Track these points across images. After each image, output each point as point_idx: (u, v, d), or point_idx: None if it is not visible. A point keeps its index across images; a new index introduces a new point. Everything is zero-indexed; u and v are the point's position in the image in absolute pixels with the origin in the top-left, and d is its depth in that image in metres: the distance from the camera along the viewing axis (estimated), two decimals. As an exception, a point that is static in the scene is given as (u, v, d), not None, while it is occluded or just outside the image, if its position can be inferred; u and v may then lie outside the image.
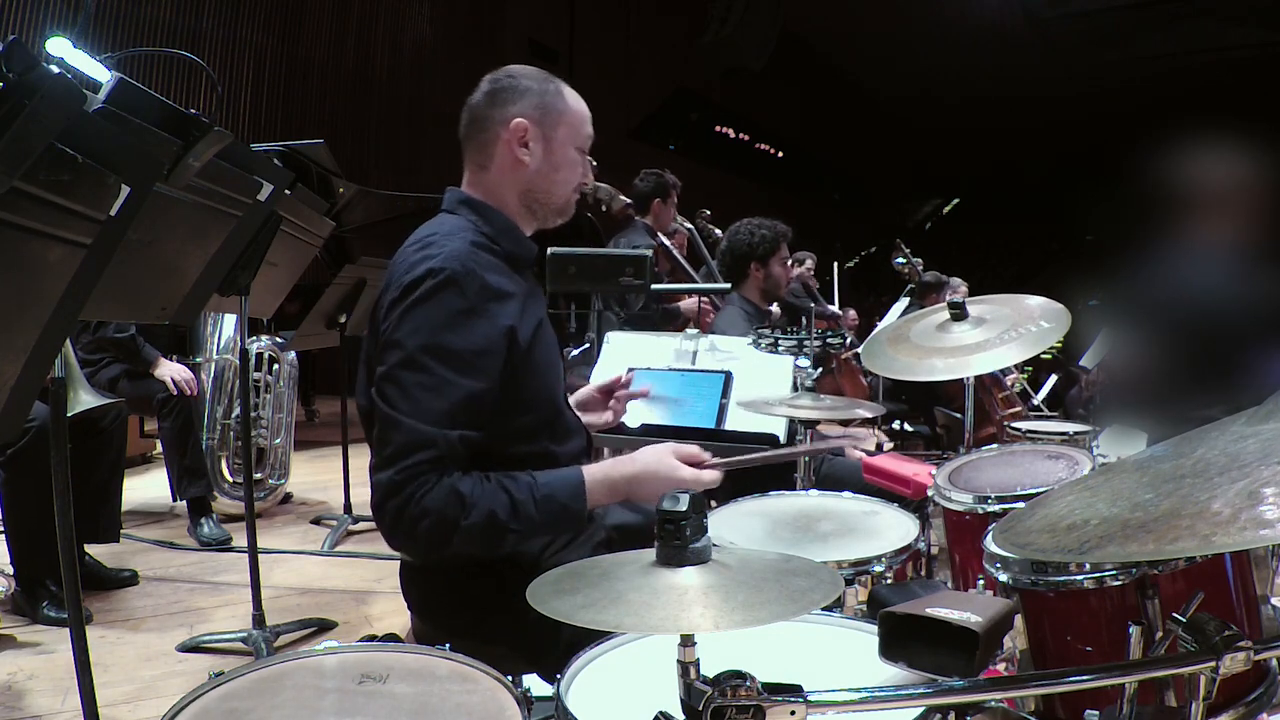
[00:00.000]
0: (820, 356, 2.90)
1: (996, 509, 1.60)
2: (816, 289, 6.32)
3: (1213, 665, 0.81)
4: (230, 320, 4.02)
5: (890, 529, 1.72)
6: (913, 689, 0.83)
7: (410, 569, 1.64)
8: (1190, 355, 2.49)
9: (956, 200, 26.21)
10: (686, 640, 0.81)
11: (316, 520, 3.96)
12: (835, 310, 5.99)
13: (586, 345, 3.25)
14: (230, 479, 3.92)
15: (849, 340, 4.42)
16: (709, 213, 5.67)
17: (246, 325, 2.72)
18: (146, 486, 4.39)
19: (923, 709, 0.91)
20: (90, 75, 2.31)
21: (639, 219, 4.53)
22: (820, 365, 3.02)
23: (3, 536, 2.91)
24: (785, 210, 4.81)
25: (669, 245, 4.71)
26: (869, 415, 2.21)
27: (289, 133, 7.32)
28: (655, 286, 3.37)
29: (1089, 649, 1.16)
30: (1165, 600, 1.07)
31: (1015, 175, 22.16)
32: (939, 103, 19.30)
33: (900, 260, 5.49)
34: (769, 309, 3.59)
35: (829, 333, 2.69)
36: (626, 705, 1.04)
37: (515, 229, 1.62)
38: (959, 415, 3.51)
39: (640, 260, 2.73)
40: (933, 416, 5.22)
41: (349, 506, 3.86)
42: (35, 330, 1.07)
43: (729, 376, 2.57)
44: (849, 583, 1.52)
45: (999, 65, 16.84)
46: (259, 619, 2.54)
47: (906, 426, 5.43)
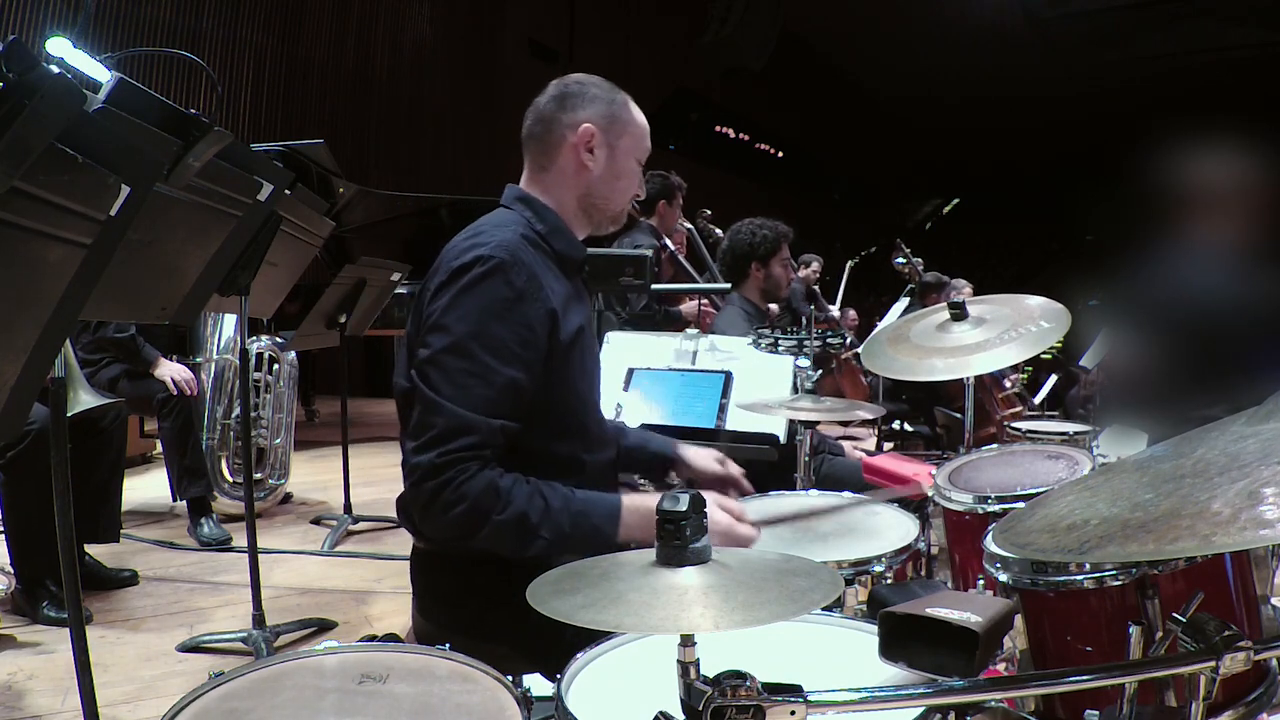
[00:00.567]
0: (820, 357, 2.90)
1: (996, 509, 1.61)
2: (819, 293, 6.33)
3: (1213, 665, 0.81)
4: (230, 320, 4.02)
5: (890, 529, 1.72)
6: (913, 689, 0.83)
7: (421, 555, 1.65)
8: (1190, 355, 2.48)
9: (956, 200, 26.22)
10: (686, 640, 0.80)
11: (316, 520, 3.96)
12: (835, 312, 5.98)
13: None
14: (230, 479, 3.92)
15: (849, 340, 4.42)
16: (709, 213, 5.66)
17: (246, 325, 2.72)
18: (146, 486, 4.39)
19: (923, 709, 0.91)
20: (90, 75, 2.31)
21: (644, 220, 4.52)
22: (820, 366, 3.02)
23: (3, 536, 2.91)
24: (785, 210, 4.80)
25: (673, 248, 4.71)
26: (869, 416, 2.21)
27: (289, 133, 7.32)
28: (655, 286, 3.37)
29: (1089, 649, 1.16)
30: (1165, 600, 1.07)
31: (1015, 175, 22.15)
32: (939, 103, 19.30)
33: (900, 260, 5.50)
34: (769, 309, 3.59)
35: (829, 333, 2.69)
36: (626, 705, 1.04)
37: (567, 230, 1.65)
38: (959, 415, 3.51)
39: (640, 260, 2.72)
40: (933, 416, 5.22)
41: (349, 506, 3.86)
42: (35, 330, 1.07)
43: (729, 376, 2.57)
44: (849, 583, 1.52)
45: (999, 65, 16.83)
46: (259, 619, 2.54)
47: (906, 426, 5.43)
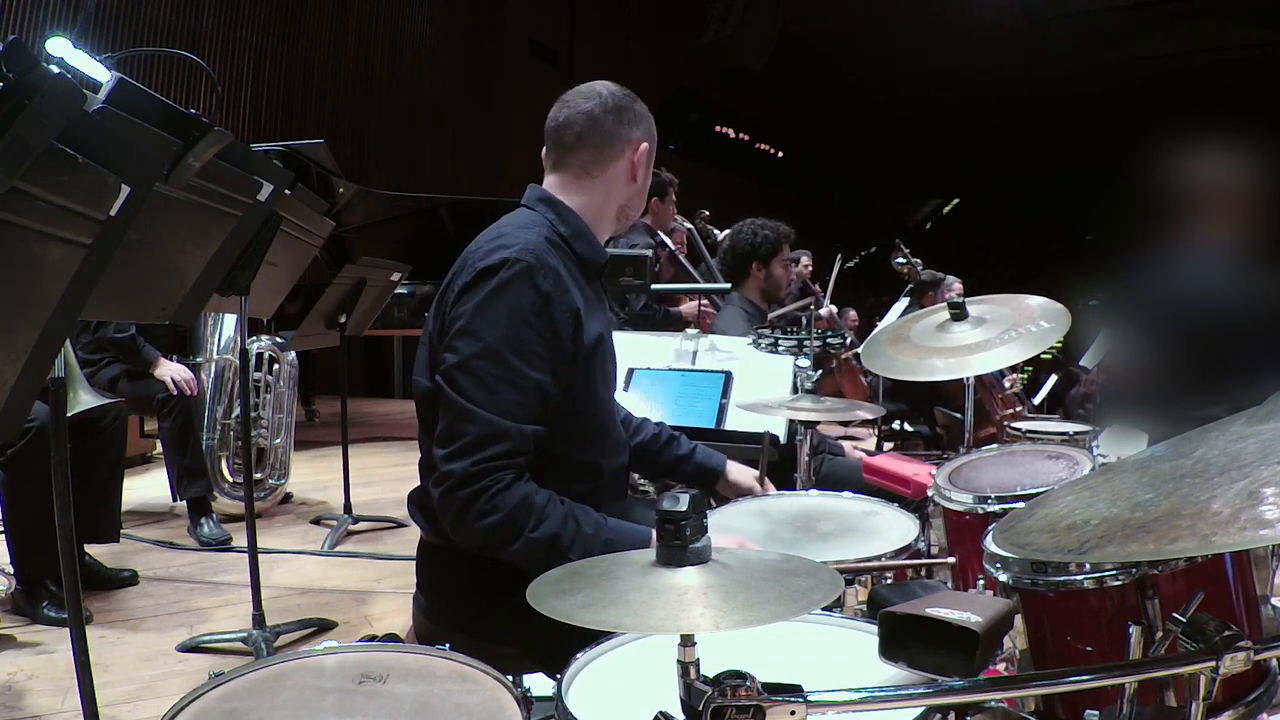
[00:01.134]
0: (820, 357, 2.90)
1: (996, 509, 1.60)
2: (815, 286, 6.31)
3: (1213, 665, 0.81)
4: (230, 320, 4.01)
5: (890, 529, 1.72)
6: (913, 689, 0.83)
7: (430, 550, 1.65)
8: (1190, 355, 2.48)
9: (956, 200, 26.23)
10: (686, 640, 0.80)
11: (316, 520, 3.96)
12: (824, 307, 5.90)
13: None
14: (230, 479, 3.91)
15: (849, 340, 4.42)
16: (707, 213, 5.67)
17: (246, 325, 2.71)
18: (146, 486, 4.39)
19: (923, 709, 0.90)
20: (90, 75, 2.31)
21: (638, 219, 4.51)
22: (820, 366, 3.02)
23: (3, 536, 2.90)
24: (785, 210, 4.80)
25: (670, 245, 4.70)
26: (869, 416, 2.21)
27: (289, 133, 7.33)
28: (655, 286, 3.37)
29: (1089, 649, 1.16)
30: (1165, 600, 1.07)
31: (1015, 175, 22.16)
32: (939, 103, 19.30)
33: (900, 260, 5.49)
34: (768, 309, 3.59)
35: (829, 333, 2.69)
36: (626, 705, 1.04)
37: (590, 234, 1.66)
38: (959, 415, 3.51)
39: (640, 260, 2.73)
40: (933, 416, 5.22)
41: (349, 506, 3.86)
42: (35, 330, 1.07)
43: (729, 376, 2.57)
44: (849, 583, 1.52)
45: (999, 65, 16.84)
46: (259, 619, 2.54)
47: (906, 426, 5.43)
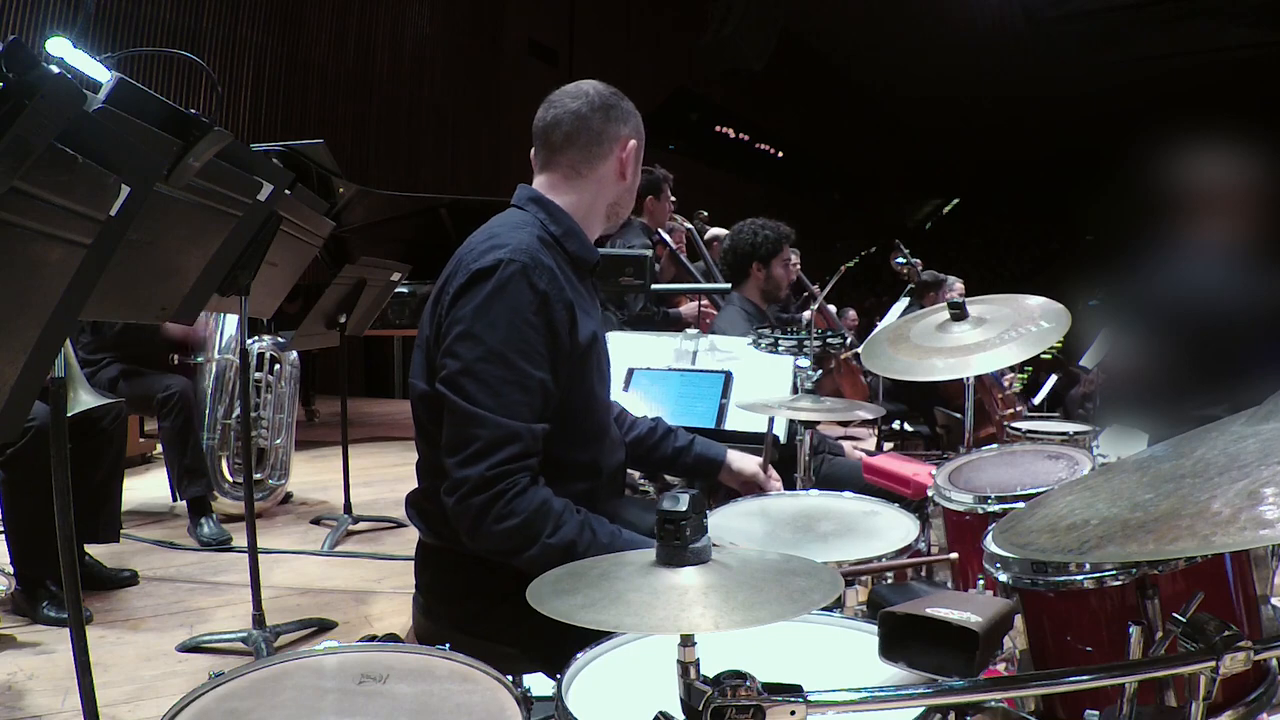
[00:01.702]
0: (820, 356, 2.90)
1: (996, 509, 1.60)
2: (814, 286, 6.30)
3: (1213, 665, 0.81)
4: (232, 320, 4.01)
5: (890, 529, 1.72)
6: (913, 689, 0.83)
7: (429, 550, 1.65)
8: (1190, 355, 2.48)
9: (956, 200, 26.23)
10: (686, 640, 0.80)
11: (316, 520, 3.96)
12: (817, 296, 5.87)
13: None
14: (230, 479, 3.92)
15: (849, 340, 4.41)
16: (705, 214, 5.67)
17: (246, 325, 2.71)
18: (146, 486, 4.39)
19: (923, 709, 0.90)
20: (90, 75, 2.31)
21: (634, 218, 4.50)
22: (820, 365, 3.02)
23: (3, 536, 2.90)
24: (785, 210, 4.80)
25: (669, 241, 4.69)
26: (869, 416, 2.21)
27: (289, 133, 7.33)
28: (656, 286, 3.37)
29: (1089, 649, 1.16)
30: (1165, 600, 1.07)
31: (1015, 175, 22.18)
32: (939, 103, 19.32)
33: (900, 260, 5.50)
34: (768, 309, 3.59)
35: (829, 333, 2.69)
36: (626, 705, 1.04)
37: (582, 233, 1.67)
38: (959, 415, 3.51)
39: (640, 260, 2.72)
40: (933, 416, 5.22)
41: (349, 506, 3.85)
42: (35, 330, 1.07)
43: (729, 376, 2.57)
44: (849, 583, 1.52)
45: (999, 65, 16.86)
46: (259, 619, 2.54)
47: (906, 426, 5.43)
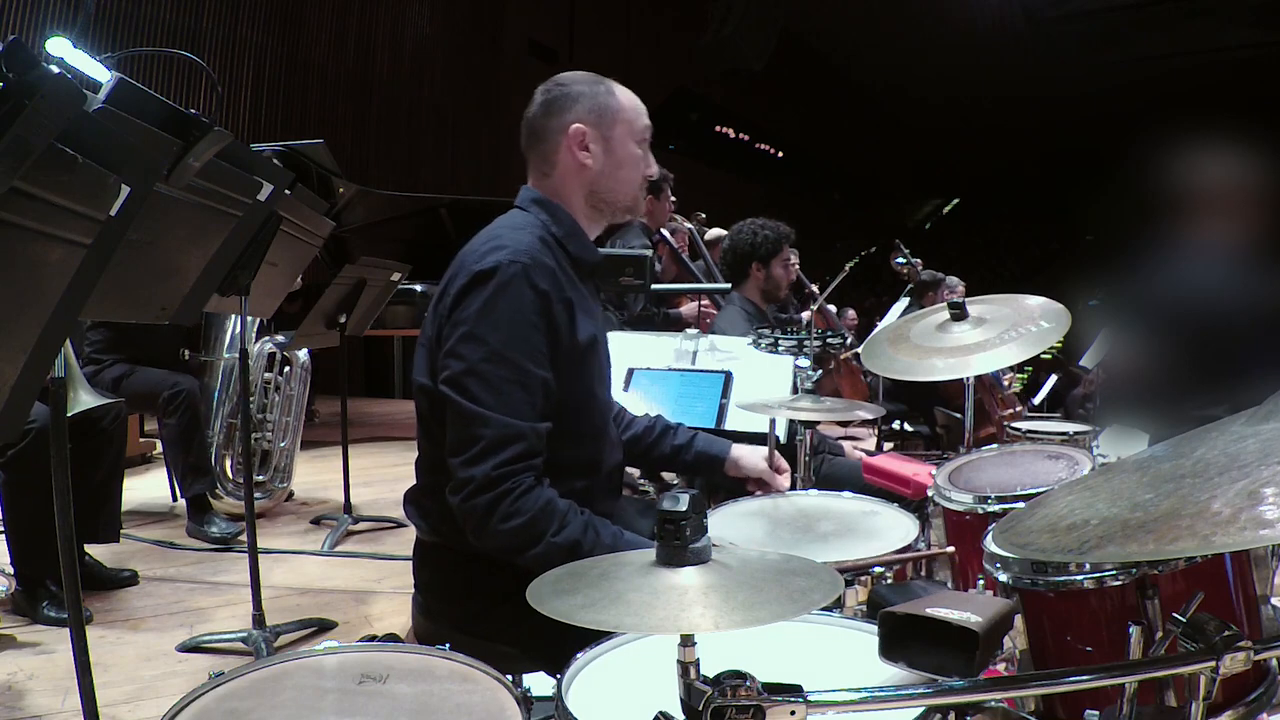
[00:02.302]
0: (820, 356, 2.90)
1: (996, 509, 1.60)
2: (814, 286, 6.30)
3: (1213, 665, 0.81)
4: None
5: (890, 529, 1.72)
6: (913, 689, 0.83)
7: (426, 549, 1.65)
8: (1190, 355, 2.48)
9: (956, 200, 26.23)
10: (686, 640, 0.80)
11: (316, 520, 3.96)
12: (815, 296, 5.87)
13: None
14: (233, 479, 3.92)
15: (849, 340, 4.42)
16: (703, 216, 5.67)
17: (246, 325, 2.72)
18: (146, 486, 4.39)
19: (923, 709, 0.90)
20: (90, 75, 2.31)
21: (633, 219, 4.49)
22: (820, 365, 3.02)
23: (3, 536, 2.90)
24: (785, 210, 4.80)
25: (670, 240, 4.68)
26: (869, 416, 2.21)
27: (289, 133, 7.33)
28: (656, 286, 3.37)
29: (1089, 649, 1.16)
30: (1165, 600, 1.07)
31: (1015, 175, 22.18)
32: (939, 103, 19.32)
33: (900, 260, 5.50)
34: (768, 309, 3.59)
35: (829, 333, 2.69)
36: (626, 705, 1.04)
37: (583, 234, 1.66)
38: (959, 415, 3.51)
39: (640, 260, 2.72)
40: (933, 416, 5.22)
41: (349, 506, 3.85)
42: (35, 330, 1.07)
43: (729, 376, 2.57)
44: (849, 583, 1.52)
45: (999, 65, 16.86)
46: (259, 619, 2.54)
47: (906, 426, 5.43)
